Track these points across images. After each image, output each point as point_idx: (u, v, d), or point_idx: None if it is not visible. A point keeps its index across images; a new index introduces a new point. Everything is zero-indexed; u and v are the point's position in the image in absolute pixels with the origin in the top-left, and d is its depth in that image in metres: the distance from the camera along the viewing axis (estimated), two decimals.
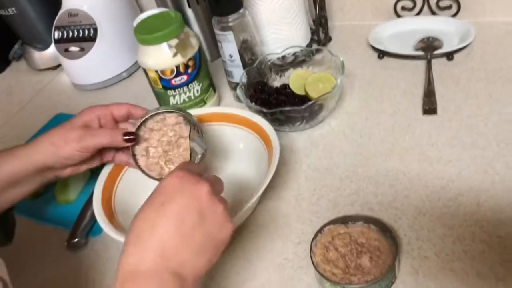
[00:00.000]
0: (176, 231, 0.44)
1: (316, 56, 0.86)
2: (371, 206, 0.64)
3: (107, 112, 0.64)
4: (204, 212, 0.45)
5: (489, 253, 0.55)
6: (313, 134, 0.79)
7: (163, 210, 0.45)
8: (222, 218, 0.46)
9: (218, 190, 0.51)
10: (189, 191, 0.46)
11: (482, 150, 0.67)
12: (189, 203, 0.45)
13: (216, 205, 0.46)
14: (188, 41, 0.80)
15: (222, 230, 0.46)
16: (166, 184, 0.47)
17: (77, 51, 1.06)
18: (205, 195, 0.46)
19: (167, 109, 0.64)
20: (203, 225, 0.45)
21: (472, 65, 0.83)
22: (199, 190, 0.46)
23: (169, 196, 0.46)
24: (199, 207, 0.45)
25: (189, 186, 0.46)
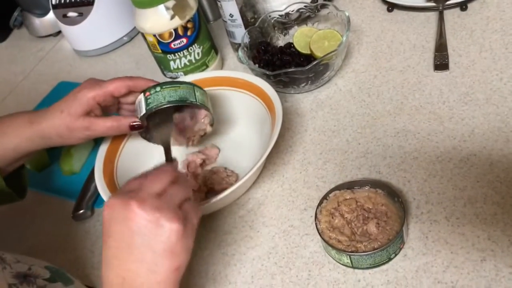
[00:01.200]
0: (127, 261, 0.44)
1: (322, 12, 0.82)
2: (379, 169, 0.62)
3: (106, 93, 0.61)
4: (141, 230, 0.43)
5: (502, 215, 0.53)
6: (319, 95, 0.76)
7: (109, 248, 0.45)
8: (162, 225, 0.43)
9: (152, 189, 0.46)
10: (119, 218, 0.44)
11: (496, 107, 0.64)
12: (123, 230, 0.44)
13: (149, 217, 0.43)
14: (185, 2, 0.77)
15: (168, 235, 0.44)
16: (103, 220, 0.45)
17: (76, 16, 1.03)
18: (135, 214, 0.43)
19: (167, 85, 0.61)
20: (146, 243, 0.43)
21: (488, 15, 0.78)
22: (127, 213, 0.44)
23: (106, 231, 0.45)
24: (135, 228, 0.43)
25: (117, 212, 0.44)
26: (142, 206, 0.43)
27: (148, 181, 0.47)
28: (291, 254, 0.57)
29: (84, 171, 0.79)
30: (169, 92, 0.59)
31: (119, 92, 0.62)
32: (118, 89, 0.61)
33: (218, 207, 0.63)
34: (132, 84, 0.62)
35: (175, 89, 0.60)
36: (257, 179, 0.67)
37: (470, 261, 0.50)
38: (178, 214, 0.45)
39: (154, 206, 0.44)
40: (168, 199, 0.46)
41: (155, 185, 0.46)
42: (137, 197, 0.44)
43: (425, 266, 0.51)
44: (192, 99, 0.61)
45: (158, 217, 0.43)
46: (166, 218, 0.44)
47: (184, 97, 0.60)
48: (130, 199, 0.44)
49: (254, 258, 0.59)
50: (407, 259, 0.53)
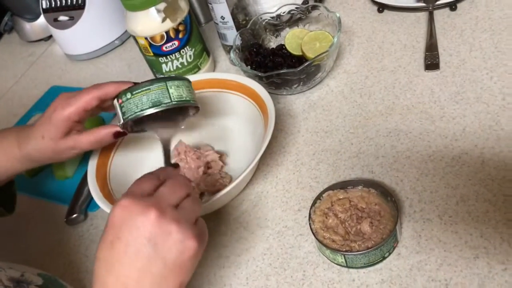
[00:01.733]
0: (131, 267, 0.41)
1: (313, 14, 0.82)
2: (372, 169, 0.63)
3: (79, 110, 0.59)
4: (156, 240, 0.42)
5: (494, 213, 0.53)
6: (312, 96, 0.77)
7: (113, 249, 0.42)
8: (179, 239, 0.42)
9: (172, 196, 0.45)
10: (134, 223, 0.42)
11: (486, 105, 0.64)
12: (136, 236, 0.42)
13: (167, 228, 0.42)
14: (177, 4, 0.77)
15: (183, 250, 0.42)
16: (112, 218, 0.43)
17: (67, 20, 1.02)
18: (152, 222, 0.42)
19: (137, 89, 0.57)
20: (158, 254, 0.42)
21: (477, 15, 0.78)
22: (145, 219, 0.42)
23: (116, 232, 0.42)
24: (149, 237, 0.42)
25: (133, 217, 0.42)
26: (162, 216, 0.42)
27: (167, 190, 0.45)
28: (286, 255, 0.58)
29: (77, 175, 0.79)
30: (140, 99, 0.56)
31: (91, 106, 0.60)
32: (88, 103, 0.60)
33: (212, 209, 0.63)
34: (101, 94, 0.60)
35: (145, 93, 0.56)
36: (250, 181, 0.67)
37: (463, 259, 0.51)
38: (194, 231, 0.43)
39: (173, 218, 0.43)
40: (186, 214, 0.44)
41: (173, 195, 0.45)
42: (158, 206, 0.43)
43: (419, 264, 0.52)
44: (166, 100, 0.56)
45: (175, 230, 0.42)
46: (184, 233, 0.42)
47: (156, 101, 0.56)
48: (150, 207, 0.42)
49: (249, 259, 0.59)
50: (401, 258, 0.53)
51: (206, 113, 0.74)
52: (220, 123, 0.74)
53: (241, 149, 0.71)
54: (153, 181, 0.46)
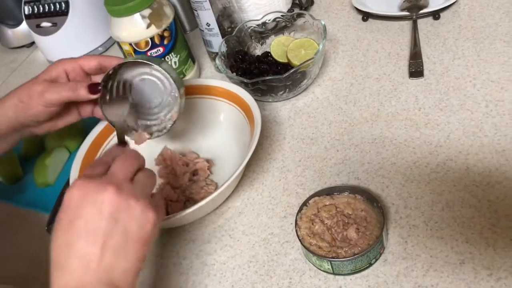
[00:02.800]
0: (93, 242, 0.41)
1: (298, 21, 0.83)
2: (358, 175, 0.63)
3: (75, 65, 0.60)
4: (115, 214, 0.42)
5: (479, 218, 0.54)
6: (297, 103, 0.77)
7: (72, 228, 0.42)
8: (139, 212, 0.43)
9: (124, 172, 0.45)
10: (92, 200, 0.42)
11: (470, 112, 0.65)
12: (96, 212, 0.42)
13: (126, 202, 0.43)
14: (162, 10, 0.76)
15: (143, 222, 0.43)
16: (69, 199, 0.43)
17: (50, 27, 1.01)
18: (111, 198, 0.42)
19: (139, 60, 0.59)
20: (118, 227, 0.42)
21: (459, 23, 0.79)
22: (102, 195, 0.42)
23: (74, 211, 0.42)
24: (108, 212, 0.42)
25: (91, 195, 0.42)
26: (119, 192, 0.42)
27: (119, 166, 0.45)
28: (272, 262, 0.57)
29: (59, 183, 0.77)
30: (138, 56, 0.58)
31: (89, 66, 0.60)
32: (88, 62, 0.60)
33: (197, 216, 0.62)
34: (103, 60, 0.60)
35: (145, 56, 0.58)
36: (236, 188, 0.66)
37: (449, 264, 0.51)
38: (151, 203, 0.44)
39: (131, 193, 0.43)
40: (141, 187, 0.45)
41: (126, 170, 0.45)
42: (113, 182, 0.43)
43: (405, 270, 0.52)
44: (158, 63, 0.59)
45: (134, 204, 0.43)
46: (142, 206, 0.43)
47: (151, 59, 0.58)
48: (106, 184, 0.43)
49: (234, 267, 0.58)
50: (387, 264, 0.53)
51: (191, 120, 0.74)
52: (206, 129, 0.74)
53: (227, 156, 0.70)
54: (102, 164, 0.47)
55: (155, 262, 0.62)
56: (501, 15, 0.78)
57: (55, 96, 0.58)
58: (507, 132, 0.61)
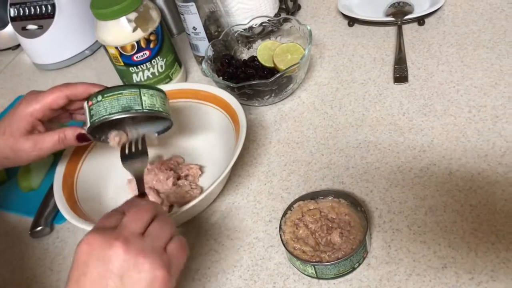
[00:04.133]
0: None
1: (285, 26, 0.83)
2: (342, 180, 0.63)
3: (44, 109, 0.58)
4: (123, 273, 0.40)
5: (461, 222, 0.54)
6: (283, 107, 0.77)
7: (80, 285, 0.41)
8: (147, 270, 0.41)
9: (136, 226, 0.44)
10: (99, 258, 0.41)
11: (453, 117, 0.66)
12: (103, 272, 0.40)
13: (134, 260, 0.41)
14: (148, 14, 0.76)
15: (151, 281, 0.41)
16: (78, 255, 0.42)
17: (35, 29, 1.00)
18: (118, 255, 0.41)
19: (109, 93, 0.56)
20: (126, 285, 0.40)
21: (444, 30, 0.80)
22: (110, 253, 0.41)
23: (82, 268, 0.41)
24: (115, 271, 0.40)
25: (98, 251, 0.41)
26: (126, 248, 0.41)
27: (130, 219, 0.44)
28: (256, 267, 0.57)
29: (43, 187, 0.76)
30: (111, 102, 0.54)
31: (58, 104, 0.58)
32: (55, 101, 0.58)
33: (182, 220, 0.62)
34: (69, 93, 0.58)
35: (117, 98, 0.54)
36: (221, 192, 0.66)
37: (431, 269, 0.51)
38: (163, 260, 0.42)
39: (139, 249, 0.41)
40: (153, 241, 0.43)
41: (137, 223, 0.43)
42: (121, 238, 0.41)
43: (388, 275, 0.52)
44: (137, 107, 0.55)
45: (142, 261, 0.41)
46: (151, 263, 0.41)
47: (127, 106, 0.54)
48: (114, 239, 0.41)
49: (219, 271, 0.58)
50: (370, 268, 0.53)
51: (177, 123, 0.73)
52: (192, 133, 0.74)
53: (212, 160, 0.70)
54: (118, 215, 0.45)
55: None
56: (484, 21, 0.79)
57: (47, 149, 0.58)
58: (490, 137, 0.62)
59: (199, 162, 0.71)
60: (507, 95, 0.66)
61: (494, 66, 0.71)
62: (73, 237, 0.68)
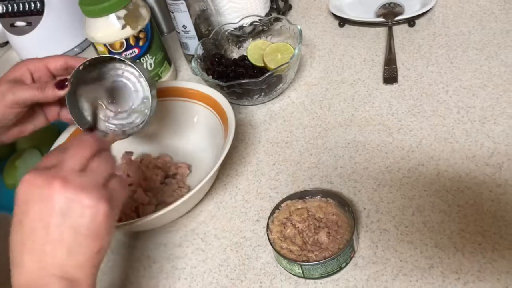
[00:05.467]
0: (44, 242, 0.40)
1: (275, 26, 0.83)
2: (331, 180, 0.63)
3: (40, 64, 0.58)
4: (64, 210, 0.41)
5: (448, 223, 0.54)
6: (273, 107, 0.77)
7: (22, 227, 0.41)
8: (88, 205, 0.41)
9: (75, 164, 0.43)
10: (39, 196, 0.41)
11: (442, 118, 0.66)
12: (43, 209, 0.41)
13: (74, 196, 0.41)
14: (137, 11, 0.76)
15: (94, 214, 0.41)
16: (18, 196, 0.42)
17: (24, 26, 0.99)
18: (58, 193, 0.40)
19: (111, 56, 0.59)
20: (67, 222, 0.41)
21: (434, 31, 0.81)
22: (49, 191, 0.41)
23: (22, 209, 0.41)
24: (56, 208, 0.40)
25: (37, 190, 0.41)
26: (65, 185, 0.41)
27: (69, 156, 0.43)
28: (243, 266, 0.57)
29: None
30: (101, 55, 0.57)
31: (55, 66, 0.58)
32: (54, 62, 0.58)
33: (169, 219, 0.62)
34: (69, 60, 0.59)
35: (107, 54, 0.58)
36: (209, 191, 0.66)
37: (418, 269, 0.51)
38: (103, 193, 0.42)
39: (78, 184, 0.41)
40: (92, 176, 0.43)
41: (76, 160, 0.43)
42: (60, 175, 0.41)
43: (375, 274, 0.52)
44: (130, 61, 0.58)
45: (82, 197, 0.41)
46: (92, 198, 0.41)
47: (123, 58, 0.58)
48: (52, 178, 0.41)
49: (205, 271, 0.58)
50: (357, 268, 0.53)
51: (166, 122, 0.73)
52: (180, 132, 0.73)
53: (200, 159, 0.70)
54: (58, 153, 0.44)
55: (125, 265, 0.61)
56: (474, 23, 0.79)
57: (20, 95, 0.56)
58: (478, 138, 0.62)
59: (187, 160, 0.70)
60: (495, 97, 0.66)
61: (483, 68, 0.71)
62: None
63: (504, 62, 0.71)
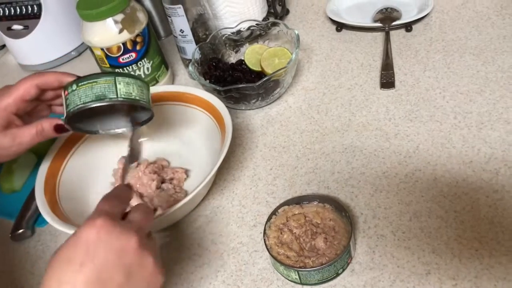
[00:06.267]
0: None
1: (273, 30, 0.83)
2: (328, 185, 0.63)
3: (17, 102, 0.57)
4: (131, 269, 0.39)
5: (445, 229, 0.54)
6: (270, 111, 0.76)
7: (82, 272, 0.38)
8: (152, 272, 0.40)
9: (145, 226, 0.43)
10: (113, 246, 0.39)
11: (439, 123, 0.66)
12: (112, 261, 0.38)
13: (145, 258, 0.40)
14: (135, 16, 0.75)
15: (152, 283, 0.40)
16: (86, 237, 0.39)
17: (21, 30, 0.99)
18: (133, 249, 0.39)
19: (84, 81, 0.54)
20: (129, 284, 0.39)
21: (431, 36, 0.81)
22: (125, 244, 0.39)
23: (89, 253, 0.38)
24: (125, 264, 0.39)
25: (112, 239, 0.39)
26: (140, 246, 0.40)
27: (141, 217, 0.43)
28: (240, 272, 0.56)
29: (26, 189, 0.75)
30: (85, 91, 0.53)
31: (30, 95, 0.57)
32: (27, 91, 0.57)
33: (166, 224, 0.62)
34: (40, 82, 0.57)
35: (91, 86, 0.53)
36: (206, 196, 0.66)
37: (415, 275, 0.51)
38: (162, 265, 0.42)
39: (149, 249, 0.41)
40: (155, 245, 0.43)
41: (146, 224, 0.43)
42: (138, 234, 0.40)
43: (372, 280, 0.52)
44: (111, 95, 0.53)
45: (149, 262, 0.40)
46: (157, 266, 0.41)
47: (101, 95, 0.53)
48: (132, 233, 0.40)
49: (202, 276, 0.57)
50: (354, 274, 0.53)
51: (162, 126, 0.73)
52: (177, 136, 0.73)
53: (198, 164, 0.69)
54: (120, 204, 0.44)
55: None
56: (471, 28, 0.80)
57: (26, 143, 0.57)
58: (475, 143, 0.62)
59: (184, 165, 0.70)
60: (492, 102, 0.66)
61: (480, 73, 0.71)
62: (54, 240, 0.67)
63: (501, 68, 0.71)
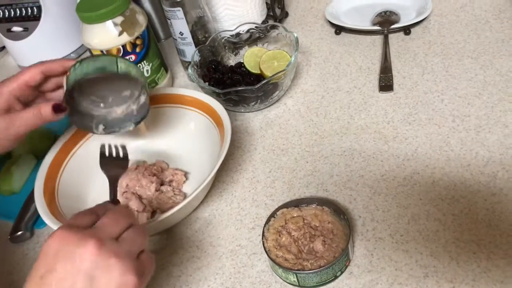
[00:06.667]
0: None
1: (272, 33, 0.83)
2: (326, 187, 0.63)
3: (20, 85, 0.58)
4: (93, 273, 0.39)
5: (443, 232, 0.54)
6: (269, 114, 0.77)
7: (42, 283, 0.39)
8: (118, 273, 0.39)
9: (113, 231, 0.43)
10: (70, 254, 0.39)
11: (437, 127, 0.66)
12: (71, 269, 0.38)
13: (106, 261, 0.39)
14: (134, 18, 0.76)
15: (121, 285, 0.40)
16: (46, 249, 0.40)
17: (21, 31, 0.99)
18: (90, 254, 0.39)
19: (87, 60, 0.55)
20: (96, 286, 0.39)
21: (429, 39, 0.81)
22: (82, 251, 0.39)
23: (49, 264, 0.39)
24: (86, 269, 0.39)
25: (70, 248, 0.39)
26: (100, 248, 0.39)
27: (106, 222, 0.43)
28: (238, 274, 0.56)
29: (25, 191, 0.75)
30: (87, 65, 0.54)
31: (35, 80, 0.58)
32: (32, 77, 0.58)
33: (164, 227, 0.62)
34: (45, 68, 0.58)
35: (93, 61, 0.55)
36: (205, 198, 0.66)
37: (413, 278, 0.51)
38: (134, 265, 0.41)
39: (112, 250, 0.40)
40: (126, 246, 0.42)
41: (113, 227, 0.43)
42: (96, 237, 0.40)
43: (370, 283, 0.52)
44: (112, 68, 0.55)
45: (114, 264, 0.40)
46: (122, 267, 0.40)
47: (102, 67, 0.55)
48: (89, 237, 0.40)
49: (201, 279, 0.57)
50: (352, 277, 0.53)
51: (161, 129, 0.73)
52: (176, 138, 0.73)
53: (197, 166, 0.70)
54: (91, 215, 0.44)
55: None
56: (469, 32, 0.80)
57: (23, 126, 0.57)
58: (473, 147, 0.62)
59: (183, 167, 0.70)
60: (490, 105, 0.67)
61: (478, 76, 0.72)
62: None
63: (499, 71, 0.71)
